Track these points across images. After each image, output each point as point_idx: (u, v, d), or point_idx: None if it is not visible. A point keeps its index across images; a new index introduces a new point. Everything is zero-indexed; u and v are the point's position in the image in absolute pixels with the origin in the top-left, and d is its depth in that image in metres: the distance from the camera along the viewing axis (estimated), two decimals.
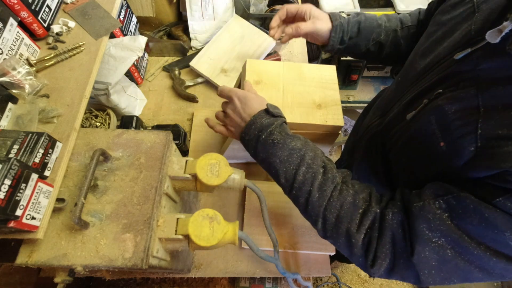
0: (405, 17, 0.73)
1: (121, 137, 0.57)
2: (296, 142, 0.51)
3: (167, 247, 0.52)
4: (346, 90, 1.45)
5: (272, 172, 0.53)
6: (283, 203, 0.81)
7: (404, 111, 0.55)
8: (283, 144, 0.51)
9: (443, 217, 0.41)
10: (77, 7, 0.69)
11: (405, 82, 0.59)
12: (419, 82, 0.54)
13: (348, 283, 1.59)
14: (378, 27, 0.71)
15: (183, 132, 0.87)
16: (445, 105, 0.45)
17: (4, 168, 0.40)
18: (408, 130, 0.53)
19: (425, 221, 0.42)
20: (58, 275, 0.49)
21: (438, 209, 0.41)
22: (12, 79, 0.54)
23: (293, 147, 0.51)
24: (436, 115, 0.46)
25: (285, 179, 0.51)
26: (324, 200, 0.48)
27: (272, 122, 0.53)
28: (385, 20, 0.73)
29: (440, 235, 0.41)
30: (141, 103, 0.98)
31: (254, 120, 0.54)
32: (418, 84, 0.54)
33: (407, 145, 0.54)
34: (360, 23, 0.71)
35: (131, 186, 0.52)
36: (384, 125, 0.62)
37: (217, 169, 0.53)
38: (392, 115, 0.60)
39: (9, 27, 0.55)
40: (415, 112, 0.51)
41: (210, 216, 0.49)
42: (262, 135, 0.52)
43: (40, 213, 0.46)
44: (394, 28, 0.72)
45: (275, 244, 0.60)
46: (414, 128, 0.51)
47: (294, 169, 0.50)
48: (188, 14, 1.02)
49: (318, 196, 0.48)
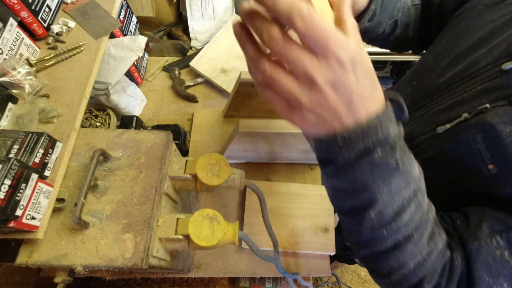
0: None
1: (121, 137, 0.57)
2: (415, 166, 0.35)
3: (167, 247, 0.52)
4: None
5: (357, 201, 0.34)
6: (283, 203, 0.81)
7: (431, 122, 0.49)
8: (405, 171, 0.32)
9: (505, 258, 0.36)
10: (77, 7, 0.69)
11: (427, 88, 0.52)
12: (451, 91, 0.48)
13: (348, 283, 1.59)
14: (399, 1, 0.61)
15: (183, 132, 0.87)
16: (498, 124, 0.39)
17: (4, 168, 0.40)
18: (440, 144, 0.47)
19: (485, 267, 0.36)
20: (58, 275, 0.49)
21: (497, 249, 0.36)
22: (12, 79, 0.54)
23: (413, 175, 0.34)
24: (483, 134, 0.40)
25: (379, 215, 0.34)
26: (422, 249, 0.36)
27: (400, 133, 0.32)
28: None
29: (503, 280, 0.36)
30: (141, 103, 0.98)
31: (379, 124, 0.30)
32: (449, 93, 0.48)
33: (437, 160, 0.47)
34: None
35: (131, 186, 0.52)
36: None
37: (217, 169, 0.53)
38: (414, 124, 0.53)
39: (9, 27, 0.55)
40: (451, 126, 0.45)
41: (210, 216, 0.49)
42: (379, 151, 0.30)
43: (40, 213, 0.46)
44: (409, 5, 0.63)
45: (275, 244, 0.60)
46: (449, 143, 0.45)
47: (400, 206, 0.34)
48: (188, 14, 1.02)
49: (415, 243, 0.36)
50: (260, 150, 0.80)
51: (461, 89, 0.45)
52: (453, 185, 0.47)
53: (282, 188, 0.82)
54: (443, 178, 0.47)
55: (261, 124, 0.67)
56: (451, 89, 0.47)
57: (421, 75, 0.56)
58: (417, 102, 0.53)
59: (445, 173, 0.47)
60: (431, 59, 0.55)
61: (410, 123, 0.53)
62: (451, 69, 0.48)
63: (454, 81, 0.47)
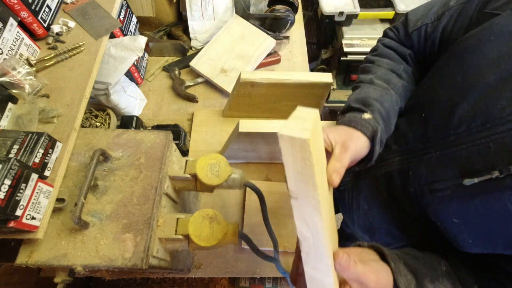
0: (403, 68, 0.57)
1: (121, 137, 0.57)
2: None
3: (167, 247, 0.52)
4: (346, 90, 1.45)
5: None
6: (283, 203, 0.81)
7: (452, 167, 0.44)
8: None
9: None
10: (77, 7, 0.69)
11: (440, 124, 0.46)
12: (471, 135, 0.42)
13: None
14: (396, 103, 0.55)
15: (183, 132, 0.87)
16: None
17: (4, 168, 0.40)
18: (468, 197, 0.43)
19: None
20: (58, 275, 0.49)
21: None
22: (12, 79, 0.54)
23: None
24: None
25: None
26: None
27: None
28: (392, 86, 0.55)
29: None
30: (141, 103, 0.98)
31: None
32: (470, 137, 0.42)
33: (457, 210, 0.44)
34: (382, 114, 0.52)
35: (131, 186, 0.52)
36: (413, 168, 0.50)
37: (217, 169, 0.53)
38: (432, 164, 0.47)
39: (9, 27, 0.55)
40: (479, 181, 0.41)
41: (210, 216, 0.49)
42: None
43: (40, 213, 0.46)
44: (401, 84, 0.57)
45: (275, 244, 0.60)
46: (479, 199, 0.42)
47: None
48: (188, 14, 1.02)
49: None
50: (260, 150, 0.80)
51: (484, 135, 0.40)
52: (474, 239, 0.44)
53: (282, 188, 0.82)
54: (463, 229, 0.45)
55: (261, 124, 0.67)
56: (471, 133, 0.42)
57: (431, 108, 0.49)
58: (431, 138, 0.48)
59: (467, 224, 0.44)
60: (440, 91, 0.48)
61: (427, 160, 0.48)
62: (468, 108, 0.42)
63: (474, 124, 0.41)
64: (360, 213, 0.66)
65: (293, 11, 1.06)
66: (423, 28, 0.54)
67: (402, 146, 0.53)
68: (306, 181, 0.34)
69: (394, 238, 0.61)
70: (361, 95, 0.53)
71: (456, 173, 0.43)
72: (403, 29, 0.58)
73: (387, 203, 0.58)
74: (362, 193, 0.65)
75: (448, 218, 0.46)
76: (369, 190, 0.63)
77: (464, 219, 0.44)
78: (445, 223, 0.47)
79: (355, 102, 0.52)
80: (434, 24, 0.52)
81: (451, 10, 0.50)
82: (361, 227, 0.69)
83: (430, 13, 0.53)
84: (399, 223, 0.58)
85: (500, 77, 0.39)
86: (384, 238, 0.63)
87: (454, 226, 0.46)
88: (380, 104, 0.51)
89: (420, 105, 0.51)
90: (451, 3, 0.50)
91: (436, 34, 0.53)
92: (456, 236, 0.46)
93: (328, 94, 0.94)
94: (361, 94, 0.53)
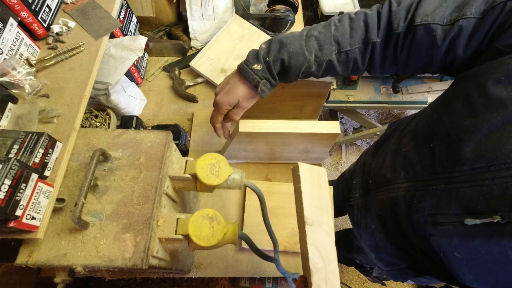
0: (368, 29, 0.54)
1: (121, 137, 0.57)
2: None
3: (167, 247, 0.52)
4: (346, 90, 1.45)
5: None
6: (283, 203, 0.81)
7: (455, 203, 0.44)
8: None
9: None
10: (77, 7, 0.69)
11: (446, 157, 0.46)
12: (475, 174, 0.42)
13: (348, 283, 1.59)
14: (307, 61, 0.57)
15: (183, 132, 0.87)
16: None
17: (4, 168, 0.40)
18: (468, 237, 0.43)
19: None
20: (58, 275, 0.49)
21: None
22: (12, 79, 0.54)
23: None
24: None
25: None
26: None
27: None
28: (316, 48, 0.56)
29: None
30: (141, 103, 0.98)
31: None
32: (473, 176, 0.42)
33: (459, 246, 0.44)
34: (284, 62, 0.57)
35: (131, 186, 0.52)
36: (418, 198, 0.50)
37: (217, 169, 0.53)
38: (437, 197, 0.47)
39: (9, 27, 0.55)
40: (481, 222, 0.40)
41: (210, 216, 0.49)
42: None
43: (40, 213, 0.46)
44: (328, 58, 0.57)
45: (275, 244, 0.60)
46: (479, 240, 0.42)
47: None
48: (188, 14, 1.02)
49: None
50: (260, 150, 0.80)
51: (487, 177, 0.40)
52: (475, 274, 0.45)
53: (282, 188, 0.82)
54: (465, 264, 0.46)
55: (261, 124, 0.67)
56: (475, 173, 0.41)
57: (438, 140, 0.48)
58: (437, 171, 0.47)
59: (475, 265, 0.45)
60: (448, 125, 0.47)
61: (432, 192, 0.47)
62: (473, 147, 0.42)
63: (479, 164, 0.41)
64: (368, 232, 0.67)
65: (293, 11, 1.06)
66: (431, 26, 0.49)
67: (410, 173, 0.53)
68: (321, 207, 0.35)
69: (400, 259, 0.62)
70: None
71: (459, 210, 0.43)
72: (405, 14, 0.52)
73: (393, 227, 0.58)
74: (370, 212, 0.65)
75: (450, 251, 0.46)
76: (376, 211, 0.63)
77: (465, 255, 0.45)
78: (447, 255, 0.47)
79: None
80: (445, 29, 0.48)
81: (465, 21, 0.46)
82: (368, 245, 0.70)
83: (443, 12, 0.48)
84: (404, 247, 0.58)
85: (507, 120, 0.39)
86: (390, 258, 0.64)
87: (455, 260, 0.46)
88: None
89: (430, 135, 0.50)
90: (468, 11, 0.46)
91: (444, 43, 0.49)
92: (457, 269, 0.46)
93: (328, 94, 0.94)
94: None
